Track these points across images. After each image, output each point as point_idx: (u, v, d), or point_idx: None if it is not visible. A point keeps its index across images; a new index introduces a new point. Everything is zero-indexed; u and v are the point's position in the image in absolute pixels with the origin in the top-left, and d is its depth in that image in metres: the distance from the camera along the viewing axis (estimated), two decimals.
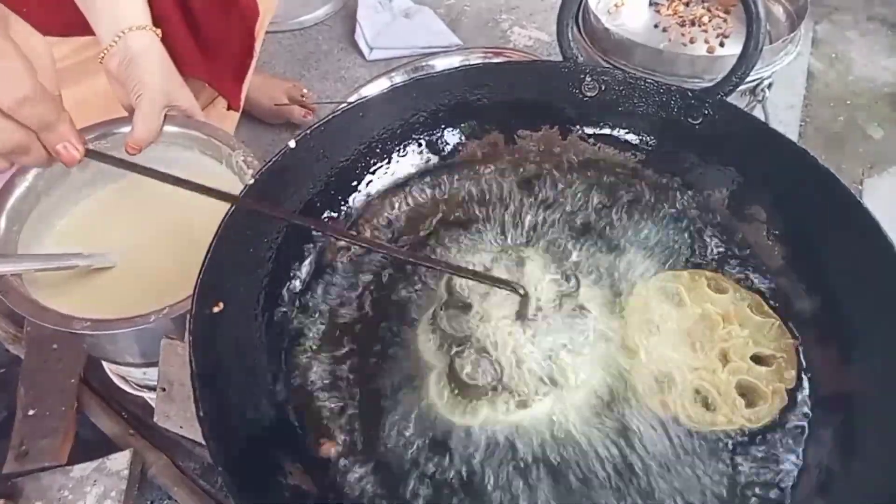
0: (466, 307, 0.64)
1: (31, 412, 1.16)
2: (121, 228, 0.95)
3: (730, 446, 0.58)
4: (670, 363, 0.63)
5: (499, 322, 0.63)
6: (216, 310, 0.54)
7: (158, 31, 0.91)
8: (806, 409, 0.59)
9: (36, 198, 0.93)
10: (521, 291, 0.62)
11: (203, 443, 1.21)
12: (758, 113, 1.26)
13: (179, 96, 0.94)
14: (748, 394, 0.62)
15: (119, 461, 1.11)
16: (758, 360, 0.64)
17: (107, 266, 0.90)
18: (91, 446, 1.16)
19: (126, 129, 0.92)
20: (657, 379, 0.63)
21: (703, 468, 0.56)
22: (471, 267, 0.65)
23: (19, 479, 1.07)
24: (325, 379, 0.59)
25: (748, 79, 1.17)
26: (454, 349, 0.62)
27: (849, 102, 1.83)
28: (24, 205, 0.91)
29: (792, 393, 0.61)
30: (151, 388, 1.02)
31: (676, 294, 0.68)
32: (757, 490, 0.55)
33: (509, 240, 0.71)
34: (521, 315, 0.64)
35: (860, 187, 1.65)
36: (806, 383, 0.61)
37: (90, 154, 0.63)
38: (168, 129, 0.94)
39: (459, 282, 0.65)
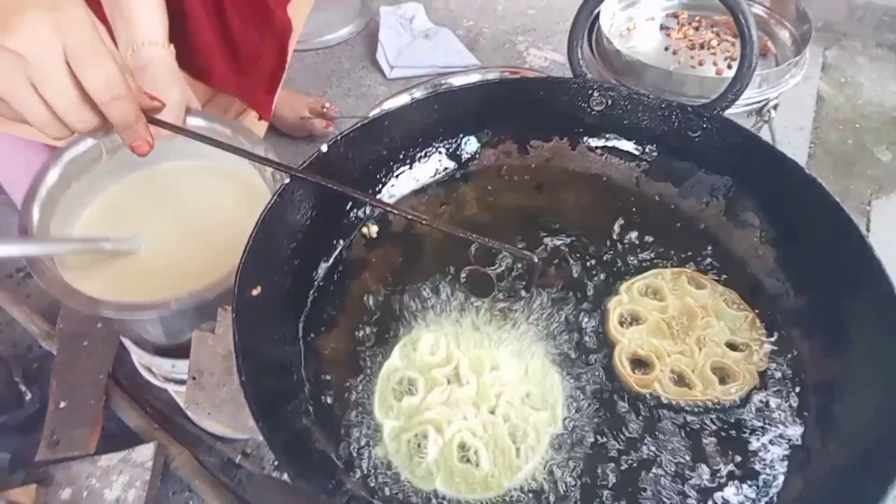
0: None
1: (62, 404, 1.21)
2: (145, 215, 0.98)
3: (707, 419, 0.64)
4: (649, 348, 0.69)
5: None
6: (255, 293, 0.59)
7: (172, 48, 0.95)
8: (778, 389, 0.65)
9: (67, 183, 0.96)
10: (536, 260, 0.69)
11: (223, 438, 1.25)
12: (764, 133, 1.31)
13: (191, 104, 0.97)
14: (722, 374, 0.68)
15: (144, 453, 1.15)
16: (732, 347, 0.70)
17: (132, 250, 0.92)
18: (117, 439, 1.21)
19: None
20: (637, 362, 0.69)
21: (680, 438, 0.62)
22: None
23: (50, 466, 1.12)
24: (345, 356, 0.66)
25: (755, 100, 1.22)
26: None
27: (857, 126, 1.86)
28: (56, 191, 0.94)
29: (763, 375, 0.66)
30: (177, 382, 1.06)
31: (658, 290, 0.74)
32: (737, 464, 0.60)
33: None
34: (529, 282, 0.72)
35: (868, 208, 1.67)
36: (780, 367, 0.67)
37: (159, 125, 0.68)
38: (193, 122, 0.96)
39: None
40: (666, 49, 1.37)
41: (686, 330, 0.70)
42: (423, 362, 0.67)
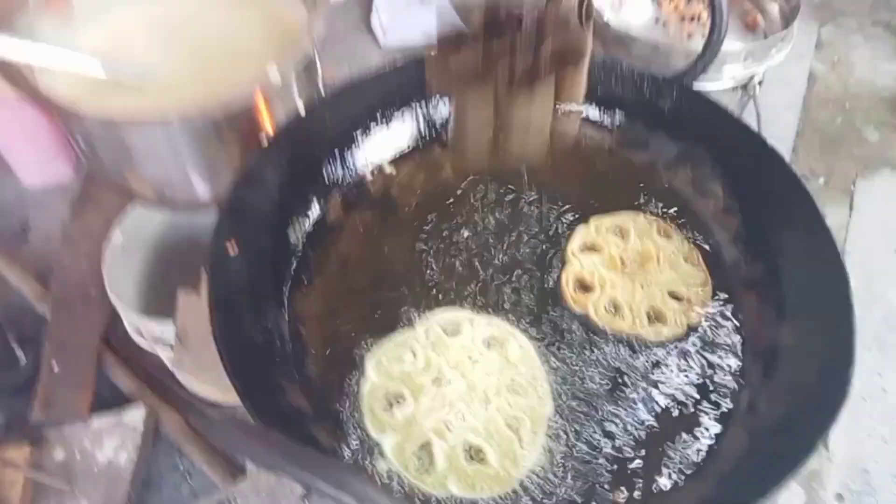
0: None
1: (55, 368, 1.23)
2: (155, 49, 0.84)
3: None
4: (596, 276, 0.74)
5: None
6: (232, 253, 0.61)
7: None
8: (698, 342, 0.70)
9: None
10: None
11: (213, 403, 1.29)
12: (750, 109, 1.32)
13: None
14: (656, 316, 0.73)
15: (135, 416, 1.18)
16: (675, 296, 0.74)
17: (137, 82, 0.79)
18: (111, 403, 1.24)
19: None
20: (580, 283, 0.75)
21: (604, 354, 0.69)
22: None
23: (44, 427, 1.15)
24: (317, 319, 0.67)
25: (741, 74, 1.23)
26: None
27: (847, 105, 1.87)
28: None
29: (688, 329, 0.71)
30: (166, 345, 1.09)
31: (626, 230, 0.78)
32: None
33: None
34: None
35: (853, 188, 1.69)
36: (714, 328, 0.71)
37: None
38: None
39: None
40: (656, 21, 1.37)
41: (637, 270, 0.75)
42: (403, 372, 0.67)
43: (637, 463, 0.61)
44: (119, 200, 1.30)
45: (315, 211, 0.73)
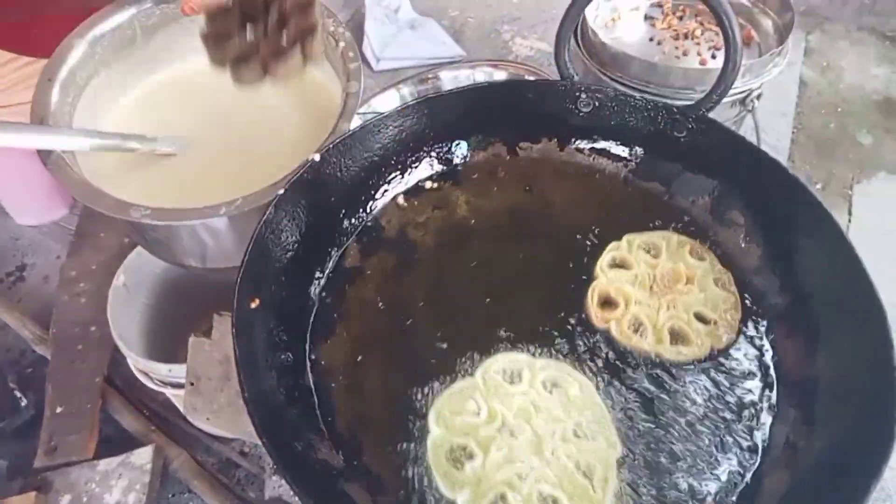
0: None
1: (58, 410, 1.21)
2: (188, 113, 0.83)
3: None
4: (622, 292, 0.73)
5: None
6: (253, 305, 0.60)
7: None
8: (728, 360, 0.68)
9: (94, 67, 0.81)
10: None
11: (220, 438, 1.26)
12: (748, 122, 1.32)
13: None
14: (679, 337, 0.70)
15: (142, 456, 1.17)
16: (701, 318, 0.72)
17: (170, 153, 0.79)
18: (115, 442, 1.22)
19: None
20: (605, 299, 0.73)
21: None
22: None
23: (49, 472, 1.13)
24: (343, 369, 0.65)
25: (739, 90, 1.23)
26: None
27: (840, 110, 1.88)
28: (81, 73, 0.79)
29: (716, 351, 0.69)
30: (174, 385, 1.07)
31: (658, 249, 0.77)
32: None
33: None
34: None
35: (850, 193, 1.70)
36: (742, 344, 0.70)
37: None
38: None
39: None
40: (651, 40, 1.37)
41: (665, 290, 0.74)
42: (468, 424, 0.64)
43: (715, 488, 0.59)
44: (116, 238, 1.29)
45: (333, 257, 0.72)
